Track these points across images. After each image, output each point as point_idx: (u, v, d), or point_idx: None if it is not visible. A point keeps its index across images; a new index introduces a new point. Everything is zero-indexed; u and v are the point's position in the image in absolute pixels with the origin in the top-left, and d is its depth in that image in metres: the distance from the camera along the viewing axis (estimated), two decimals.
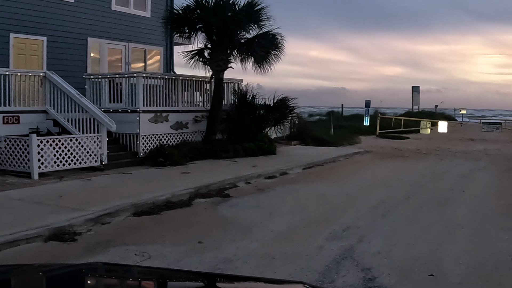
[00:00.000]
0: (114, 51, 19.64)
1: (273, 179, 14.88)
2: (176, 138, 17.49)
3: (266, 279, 3.96)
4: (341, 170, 17.09)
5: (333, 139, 26.09)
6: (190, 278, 2.99)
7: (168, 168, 15.23)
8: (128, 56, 19.68)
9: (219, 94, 17.88)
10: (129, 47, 19.92)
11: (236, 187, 13.37)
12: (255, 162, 17.28)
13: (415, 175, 16.23)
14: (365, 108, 33.19)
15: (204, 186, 12.63)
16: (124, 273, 3.02)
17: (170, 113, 17.06)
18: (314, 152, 21.33)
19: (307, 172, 16.56)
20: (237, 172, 14.79)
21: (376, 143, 27.46)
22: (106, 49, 19.17)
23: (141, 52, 20.68)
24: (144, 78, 16.11)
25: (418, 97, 45.18)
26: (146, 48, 20.78)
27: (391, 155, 21.98)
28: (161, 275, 2.98)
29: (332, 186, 13.83)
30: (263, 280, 3.50)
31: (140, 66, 20.56)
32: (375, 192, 13.08)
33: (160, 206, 10.70)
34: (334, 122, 34.33)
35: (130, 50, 19.96)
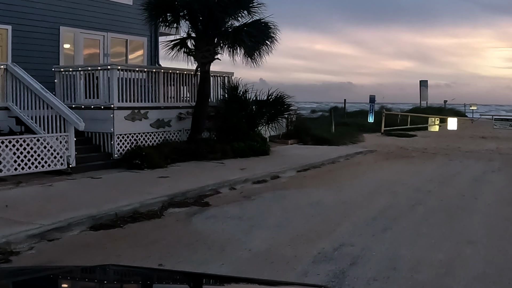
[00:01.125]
0: (91, 42, 18.45)
1: (262, 184, 13.72)
2: (157, 137, 16.32)
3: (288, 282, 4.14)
4: (340, 173, 15.92)
5: (334, 138, 24.96)
6: (205, 280, 3.05)
7: (145, 171, 14.06)
8: (107, 48, 18.49)
9: (205, 88, 16.71)
10: (108, 37, 18.72)
11: (218, 194, 12.21)
12: (244, 164, 16.12)
13: (421, 179, 15.06)
14: (370, 104, 32.11)
15: (181, 193, 11.47)
16: (135, 275, 3.06)
17: (150, 109, 15.88)
18: (311, 152, 20.15)
19: (301, 176, 15.38)
20: (222, 176, 13.63)
21: (381, 141, 26.30)
22: (81, 40, 17.97)
23: (122, 43, 19.49)
24: (119, 70, 14.93)
25: (426, 92, 43.94)
26: (128, 38, 19.58)
27: (396, 155, 20.81)
28: (174, 277, 3.05)
29: (328, 192, 12.66)
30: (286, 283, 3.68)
31: (121, 59, 19.35)
32: (376, 199, 11.90)
33: (125, 217, 9.56)
34: (336, 119, 33.35)
35: (109, 41, 18.76)
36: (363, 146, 23.92)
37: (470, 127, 34.06)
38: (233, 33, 16.17)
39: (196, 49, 16.45)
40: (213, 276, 4.19)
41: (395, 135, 29.25)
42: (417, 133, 30.70)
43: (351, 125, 31.33)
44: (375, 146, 23.87)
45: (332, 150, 20.99)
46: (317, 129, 26.35)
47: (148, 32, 19.58)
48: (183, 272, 4.23)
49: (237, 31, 16.18)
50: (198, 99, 16.81)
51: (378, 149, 22.54)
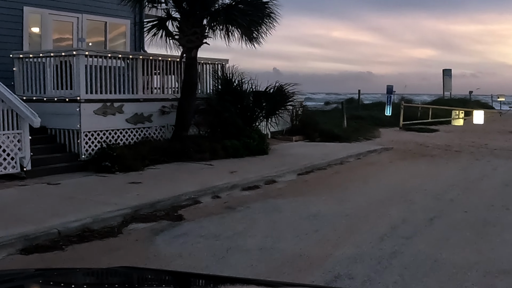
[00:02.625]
0: (62, 24, 17.03)
1: (253, 191, 12.31)
2: (135, 135, 14.93)
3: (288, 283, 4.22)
4: (348, 177, 14.46)
5: (345, 133, 23.51)
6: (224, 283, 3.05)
7: (116, 175, 12.68)
8: (81, 31, 17.05)
9: (191, 77, 15.27)
10: (83, 19, 17.27)
11: (197, 204, 10.82)
12: (236, 165, 14.71)
13: (443, 183, 13.60)
14: (387, 95, 30.53)
15: (150, 203, 10.08)
16: (150, 277, 3.09)
17: (126, 102, 14.48)
18: (318, 150, 18.67)
19: (302, 180, 13.94)
20: (206, 181, 12.22)
21: (399, 137, 24.77)
22: (50, 22, 16.53)
23: (100, 26, 18.06)
24: (88, 57, 13.49)
25: (450, 81, 42.22)
26: (107, 21, 18.13)
27: (414, 154, 19.32)
28: (189, 279, 3.12)
29: (330, 202, 11.22)
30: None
31: (99, 45, 17.92)
32: (387, 211, 10.44)
33: (70, 236, 8.20)
34: (351, 112, 31.91)
35: (84, 24, 17.31)
36: (378, 143, 22.43)
37: (498, 121, 32.34)
38: (224, 12, 14.70)
39: (181, 32, 15.02)
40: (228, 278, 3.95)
41: (414, 130, 27.75)
42: (439, 127, 29.15)
43: (366, 119, 29.97)
44: (392, 143, 22.39)
45: (342, 148, 19.51)
46: (327, 124, 24.91)
47: (131, 13, 18.10)
48: (198, 275, 4.16)
49: (229, 9, 14.71)
50: (184, 90, 15.37)
51: (395, 147, 21.05)
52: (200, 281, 3.16)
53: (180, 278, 3.20)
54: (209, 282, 3.05)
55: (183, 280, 3.11)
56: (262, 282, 3.56)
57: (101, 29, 18.02)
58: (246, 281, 3.69)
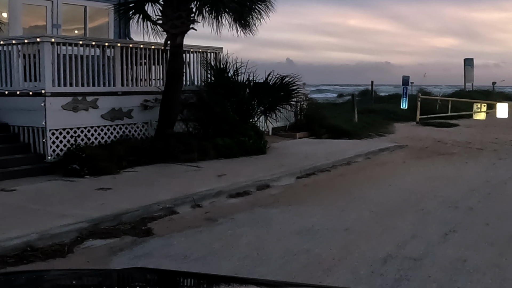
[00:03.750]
0: (33, 8, 15.92)
1: (242, 198, 11.23)
2: (112, 133, 13.87)
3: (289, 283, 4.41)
4: (354, 180, 13.36)
5: (356, 129, 22.39)
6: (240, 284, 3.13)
7: (84, 180, 11.64)
8: (56, 17, 15.95)
9: (176, 67, 14.16)
10: (58, 3, 16.15)
11: (172, 216, 9.75)
12: (227, 167, 13.64)
13: (461, 187, 12.48)
14: (403, 87, 29.30)
15: (114, 215, 9.04)
16: (167, 278, 3.14)
17: (102, 96, 13.40)
18: (323, 149, 17.53)
19: (300, 184, 12.82)
20: (187, 187, 11.16)
21: (415, 132, 23.62)
22: (19, 6, 15.41)
23: (79, 10, 16.95)
24: (54, 44, 12.40)
25: (471, 72, 40.82)
26: (87, 5, 17.00)
27: (431, 152, 18.17)
28: (206, 280, 3.12)
29: (329, 212, 10.12)
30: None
31: (78, 32, 16.83)
32: (394, 223, 9.33)
33: (7, 257, 7.13)
34: (364, 105, 30.79)
35: (59, 8, 16.19)
36: (392, 139, 21.23)
37: None
38: None
39: (164, 16, 13.91)
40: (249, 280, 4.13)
41: (432, 124, 26.52)
42: (459, 121, 27.87)
43: (379, 113, 28.79)
44: (407, 139, 21.22)
45: (351, 146, 18.35)
46: (337, 118, 23.81)
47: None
48: (216, 276, 4.17)
49: None
50: (168, 82, 14.27)
51: (410, 144, 19.88)
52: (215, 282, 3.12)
53: (194, 278, 3.27)
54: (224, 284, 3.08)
55: (198, 280, 3.16)
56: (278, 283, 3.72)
57: (80, 15, 16.92)
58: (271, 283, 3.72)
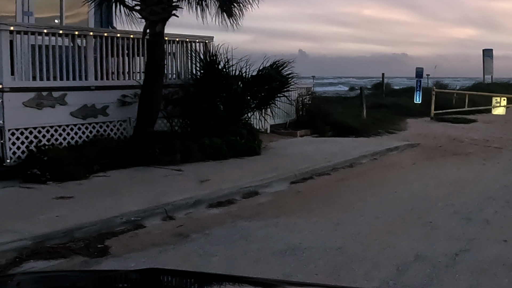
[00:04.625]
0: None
1: (223, 208, 10.21)
2: (84, 132, 12.85)
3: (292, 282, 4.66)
4: (355, 185, 12.33)
5: (364, 126, 21.41)
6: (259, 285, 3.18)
7: (46, 186, 10.68)
8: (27, 3, 14.90)
9: (157, 58, 13.15)
10: None
11: (137, 230, 8.76)
12: (213, 170, 12.63)
13: (477, 194, 11.47)
14: (416, 80, 28.23)
15: (66, 230, 8.04)
16: (182, 279, 3.23)
17: (71, 91, 12.39)
18: (325, 148, 16.49)
19: (293, 191, 11.79)
20: (161, 195, 10.16)
21: (429, 129, 22.59)
22: None
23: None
24: (14, 33, 11.38)
25: (491, 63, 39.56)
26: None
27: (445, 152, 17.18)
28: (222, 281, 3.17)
29: (322, 225, 9.10)
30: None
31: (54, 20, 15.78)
32: (395, 242, 8.29)
33: None
34: (375, 99, 29.79)
35: None
36: (403, 137, 20.20)
37: None
38: None
39: (142, 2, 12.86)
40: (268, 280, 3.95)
41: (448, 120, 25.52)
42: (477, 117, 26.79)
43: (391, 108, 27.88)
44: (419, 137, 20.22)
45: (356, 145, 17.31)
46: (344, 114, 22.80)
47: None
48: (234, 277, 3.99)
49: None
50: (147, 75, 13.25)
51: (422, 142, 18.88)
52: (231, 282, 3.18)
53: (210, 279, 3.33)
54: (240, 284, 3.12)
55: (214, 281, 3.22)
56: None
57: (57, 2, 15.87)
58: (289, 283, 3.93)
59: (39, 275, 3.61)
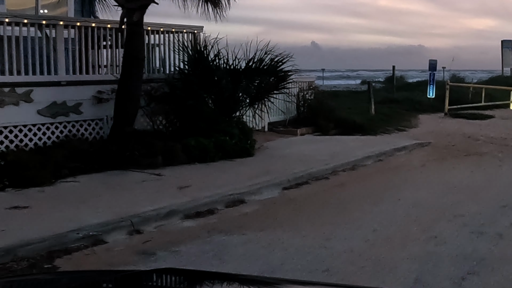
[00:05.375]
0: None
1: (201, 220, 9.39)
2: (54, 132, 12.03)
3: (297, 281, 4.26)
4: (355, 192, 11.50)
5: (371, 123, 20.48)
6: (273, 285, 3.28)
7: (4, 193, 9.87)
8: None
9: (135, 50, 12.29)
10: None
11: (96, 247, 7.96)
12: (196, 175, 11.83)
13: (490, 202, 10.65)
14: (429, 73, 27.39)
15: (9, 248, 7.21)
16: (196, 279, 3.24)
17: (38, 86, 11.57)
18: (326, 148, 15.62)
19: (285, 198, 10.92)
20: (132, 204, 9.38)
21: (441, 126, 21.70)
22: None
23: None
24: None
25: (510, 55, 38.49)
26: None
27: (458, 152, 16.28)
28: (240, 281, 3.21)
29: (311, 241, 8.31)
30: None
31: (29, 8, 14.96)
32: (393, 261, 7.43)
33: None
34: (386, 94, 28.97)
35: None
36: (413, 135, 19.30)
37: None
38: None
39: None
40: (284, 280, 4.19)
41: (463, 116, 24.60)
42: (494, 112, 25.87)
43: (402, 103, 26.97)
44: (431, 135, 19.25)
45: (361, 145, 16.40)
46: (351, 110, 21.90)
47: None
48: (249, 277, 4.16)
49: None
50: (125, 68, 12.41)
51: (434, 141, 17.96)
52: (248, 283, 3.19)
53: (226, 279, 3.32)
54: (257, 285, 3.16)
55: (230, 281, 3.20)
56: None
57: None
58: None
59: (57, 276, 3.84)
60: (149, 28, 13.54)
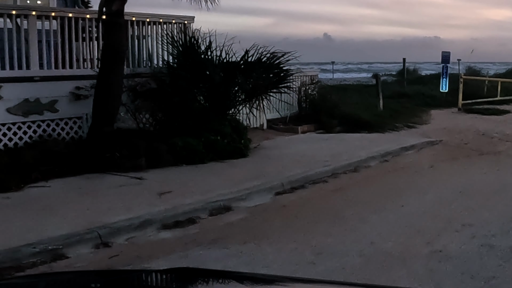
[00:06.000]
0: None
1: (180, 231, 8.80)
2: (27, 132, 11.39)
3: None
4: (354, 198, 10.83)
5: (379, 119, 19.93)
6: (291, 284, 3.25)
7: None
8: None
9: (115, 43, 11.60)
10: None
11: (55, 263, 7.40)
12: (181, 178, 11.23)
13: (504, 210, 9.98)
14: (442, 65, 26.71)
15: None
16: (214, 278, 3.28)
17: (7, 82, 10.92)
18: (327, 148, 14.93)
19: (277, 205, 10.28)
20: (103, 214, 8.70)
21: (454, 122, 21.08)
22: None
23: None
24: None
25: None
26: None
27: (471, 150, 15.65)
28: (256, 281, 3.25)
29: (298, 256, 7.67)
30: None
31: None
32: (388, 281, 6.67)
33: None
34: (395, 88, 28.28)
35: None
36: (423, 132, 18.63)
37: None
38: None
39: None
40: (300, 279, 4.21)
41: (478, 111, 23.95)
42: (511, 107, 25.19)
43: (413, 97, 26.49)
44: (443, 132, 18.64)
45: (366, 144, 15.68)
46: (358, 105, 21.23)
47: None
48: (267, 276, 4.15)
49: None
50: (104, 63, 11.73)
51: (445, 138, 17.37)
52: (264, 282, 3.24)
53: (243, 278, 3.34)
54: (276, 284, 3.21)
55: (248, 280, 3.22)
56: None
57: None
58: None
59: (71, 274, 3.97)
60: (133, 18, 12.89)
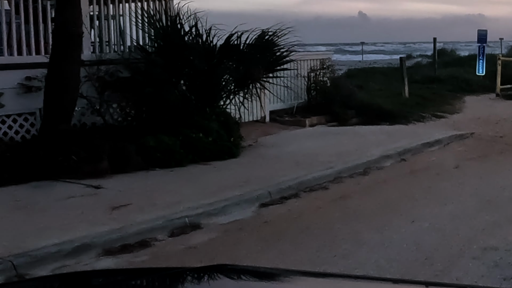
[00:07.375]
0: None
1: (126, 257, 7.66)
2: None
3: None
4: (358, 208, 9.72)
5: (403, 108, 18.80)
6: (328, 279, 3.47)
7: None
8: None
9: (69, 24, 10.45)
10: None
11: None
12: (146, 187, 10.15)
13: None
14: (478, 46, 25.61)
15: None
16: (253, 275, 3.40)
17: None
18: (337, 144, 13.83)
19: (258, 221, 9.13)
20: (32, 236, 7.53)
21: (491, 111, 19.90)
22: None
23: None
24: None
25: None
26: None
27: (506, 146, 14.44)
28: (293, 276, 3.44)
29: None
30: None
31: None
32: None
33: None
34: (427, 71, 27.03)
35: None
36: (453, 123, 17.66)
37: None
38: None
39: None
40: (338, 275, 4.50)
41: None
42: None
43: (445, 82, 25.20)
44: (476, 122, 17.53)
45: (383, 139, 14.55)
46: (381, 92, 20.22)
47: None
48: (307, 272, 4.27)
49: None
50: (56, 48, 10.57)
51: (478, 130, 16.22)
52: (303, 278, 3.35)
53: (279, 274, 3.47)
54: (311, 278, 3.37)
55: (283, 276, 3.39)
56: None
57: None
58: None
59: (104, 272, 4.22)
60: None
